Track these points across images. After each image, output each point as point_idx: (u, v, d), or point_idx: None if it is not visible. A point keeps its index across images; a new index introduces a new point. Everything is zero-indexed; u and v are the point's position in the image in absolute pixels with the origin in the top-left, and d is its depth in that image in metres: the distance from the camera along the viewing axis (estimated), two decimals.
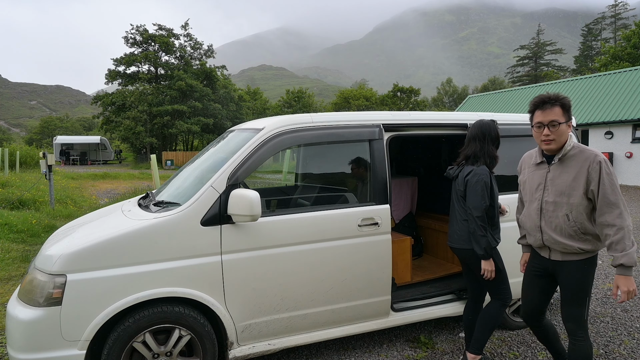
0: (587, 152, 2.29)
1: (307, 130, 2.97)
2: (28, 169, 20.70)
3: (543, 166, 2.43)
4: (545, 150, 2.38)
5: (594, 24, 61.16)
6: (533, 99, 2.37)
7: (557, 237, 2.34)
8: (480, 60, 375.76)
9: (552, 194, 2.35)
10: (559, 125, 2.27)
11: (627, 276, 2.18)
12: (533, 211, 2.45)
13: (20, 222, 7.28)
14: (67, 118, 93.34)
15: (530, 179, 2.49)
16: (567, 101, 2.30)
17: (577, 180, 2.27)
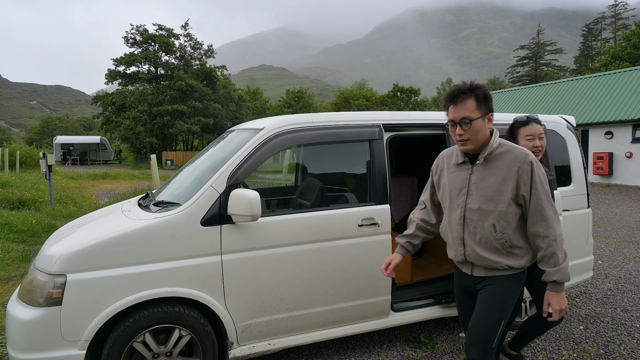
0: (515, 151, 1.99)
1: (307, 130, 2.97)
2: (28, 169, 20.69)
3: (465, 167, 2.08)
4: (462, 150, 2.08)
5: (594, 24, 61.16)
6: (444, 94, 2.08)
7: (482, 251, 2.01)
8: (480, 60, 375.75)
9: (476, 199, 2.00)
10: (471, 123, 1.94)
11: (559, 293, 1.96)
12: (455, 220, 2.09)
13: (20, 222, 7.27)
14: (67, 118, 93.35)
15: (451, 182, 2.12)
16: (482, 91, 1.95)
17: (505, 184, 1.96)
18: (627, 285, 4.83)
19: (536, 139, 2.60)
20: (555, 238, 1.94)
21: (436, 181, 2.26)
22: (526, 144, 2.55)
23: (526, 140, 2.58)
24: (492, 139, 2.01)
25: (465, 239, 2.06)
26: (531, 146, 2.55)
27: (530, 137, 2.59)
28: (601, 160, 16.66)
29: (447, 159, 2.21)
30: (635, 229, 8.07)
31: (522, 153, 1.97)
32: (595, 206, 10.76)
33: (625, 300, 4.38)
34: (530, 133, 2.61)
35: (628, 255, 6.10)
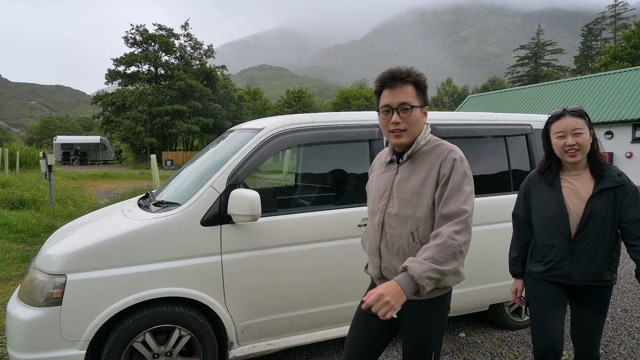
0: (441, 147, 1.72)
1: (307, 130, 2.97)
2: (28, 169, 20.70)
3: (392, 167, 1.81)
4: (395, 144, 1.76)
5: (594, 24, 61.20)
6: (378, 78, 1.74)
7: (399, 264, 1.68)
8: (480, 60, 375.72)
9: (396, 203, 1.72)
10: (411, 110, 1.67)
11: (394, 284, 1.50)
12: (373, 227, 1.79)
13: (20, 222, 7.27)
14: (67, 118, 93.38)
15: (376, 184, 1.84)
16: (422, 79, 1.71)
17: (425, 185, 1.67)
18: (627, 285, 4.83)
19: (569, 136, 2.06)
20: (450, 237, 1.56)
21: (367, 186, 1.98)
22: (557, 143, 2.10)
23: (557, 139, 2.11)
24: (422, 134, 1.73)
25: (381, 250, 1.74)
26: (562, 145, 2.08)
27: (560, 135, 2.09)
28: None
29: (378, 160, 1.94)
30: None
31: (447, 149, 1.70)
32: None
33: (625, 300, 4.38)
34: (560, 130, 2.09)
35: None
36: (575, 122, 2.06)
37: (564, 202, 2.10)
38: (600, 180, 2.05)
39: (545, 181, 2.19)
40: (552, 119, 2.15)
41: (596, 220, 2.04)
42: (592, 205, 2.04)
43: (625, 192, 2.03)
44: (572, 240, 2.09)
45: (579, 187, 2.09)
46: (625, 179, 2.04)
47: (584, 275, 2.09)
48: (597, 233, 2.04)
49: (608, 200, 2.03)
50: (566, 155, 2.09)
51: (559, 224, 2.10)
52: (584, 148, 2.05)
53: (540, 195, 2.21)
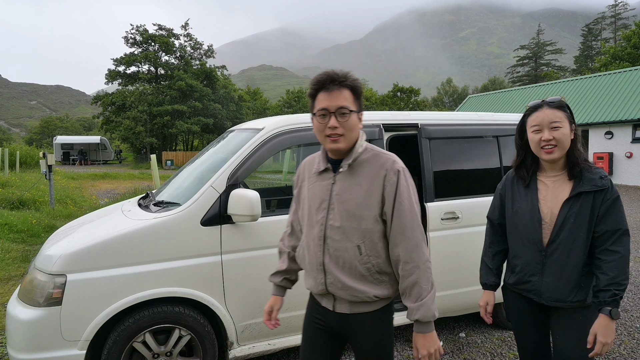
0: (382, 156, 1.65)
1: (307, 130, 2.97)
2: (28, 169, 20.70)
3: (327, 175, 1.69)
4: (331, 150, 1.65)
5: (594, 24, 61.20)
6: (313, 80, 1.65)
7: (346, 279, 1.62)
8: (480, 60, 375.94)
9: (338, 215, 1.63)
10: (349, 114, 1.59)
11: (425, 334, 1.58)
12: (314, 241, 1.68)
13: (20, 222, 7.28)
14: (67, 118, 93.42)
15: (311, 195, 1.72)
16: (359, 84, 1.64)
17: (369, 197, 1.61)
18: (628, 285, 4.82)
19: (545, 130, 1.81)
20: (419, 264, 1.58)
21: (296, 195, 1.84)
22: (532, 138, 1.87)
23: (533, 133, 1.87)
24: (359, 142, 1.66)
25: (326, 264, 1.65)
26: (538, 140, 1.84)
27: (536, 129, 1.85)
28: (601, 160, 16.67)
29: (308, 168, 1.79)
30: (635, 229, 8.07)
31: (390, 159, 1.64)
32: None
33: (625, 300, 4.38)
34: (536, 123, 1.84)
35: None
36: (553, 114, 1.81)
37: (537, 206, 1.87)
38: (579, 183, 1.79)
39: (522, 181, 1.97)
40: (529, 111, 1.91)
41: (570, 229, 1.79)
42: (566, 210, 1.79)
43: (604, 198, 1.76)
44: (543, 251, 1.85)
45: (556, 190, 1.85)
46: (607, 183, 1.78)
47: (552, 293, 1.84)
48: (571, 244, 1.79)
49: (585, 206, 1.77)
50: (542, 151, 1.83)
51: (530, 231, 1.88)
52: (562, 144, 1.79)
53: (515, 196, 1.99)
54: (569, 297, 1.81)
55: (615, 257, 1.73)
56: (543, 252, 1.85)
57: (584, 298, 1.81)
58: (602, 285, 1.72)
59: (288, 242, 1.90)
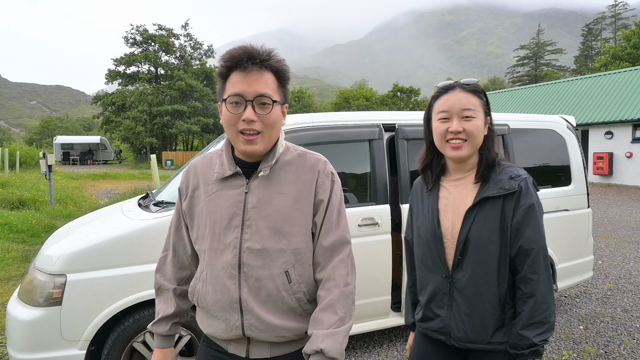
0: (310, 157, 1.34)
1: (307, 130, 2.97)
2: (28, 169, 20.69)
3: (237, 182, 1.28)
4: (245, 152, 1.23)
5: (594, 24, 61.24)
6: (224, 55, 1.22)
7: (271, 316, 1.24)
8: (480, 60, 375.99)
9: (258, 234, 1.24)
10: (272, 106, 1.22)
11: None
12: (224, 271, 1.25)
13: (20, 222, 7.28)
14: (67, 118, 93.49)
15: (213, 208, 1.28)
16: (286, 68, 1.26)
17: (299, 207, 1.26)
18: (627, 285, 4.83)
19: (454, 119, 1.41)
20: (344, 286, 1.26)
21: (186, 208, 1.35)
22: (438, 128, 1.45)
23: (438, 121, 1.45)
24: (280, 141, 1.32)
25: (243, 301, 1.23)
26: (444, 131, 1.43)
27: (444, 116, 1.43)
28: (601, 160, 16.67)
29: (203, 173, 1.34)
30: (635, 229, 8.07)
31: (320, 160, 1.33)
32: (595, 206, 10.76)
33: (625, 300, 4.38)
34: (444, 109, 1.43)
35: (628, 255, 6.10)
36: (466, 99, 1.40)
37: (437, 220, 1.46)
38: (484, 186, 1.40)
39: (425, 186, 1.57)
40: (437, 93, 1.49)
41: (476, 247, 1.38)
42: (469, 223, 1.39)
43: (517, 204, 1.36)
44: (449, 277, 1.44)
45: (457, 197, 1.45)
46: (519, 185, 1.36)
47: (465, 332, 1.41)
48: (481, 267, 1.38)
49: (493, 216, 1.37)
50: (447, 145, 1.42)
51: (433, 252, 1.47)
52: (473, 139, 1.40)
53: (417, 209, 1.59)
54: (487, 337, 1.39)
55: (532, 288, 1.33)
56: (449, 278, 1.43)
57: (503, 340, 1.39)
58: (518, 328, 1.33)
59: (172, 274, 1.39)
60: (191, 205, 1.34)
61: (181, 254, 1.39)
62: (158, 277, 1.42)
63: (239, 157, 1.30)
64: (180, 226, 1.39)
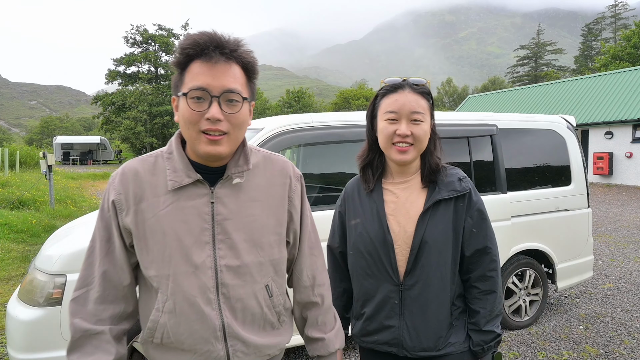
0: (277, 159, 1.24)
1: (307, 130, 2.97)
2: (28, 169, 20.70)
3: (197, 191, 1.10)
4: (207, 154, 1.06)
5: (594, 24, 61.25)
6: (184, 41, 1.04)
7: (256, 337, 1.15)
8: (480, 60, 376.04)
9: (233, 250, 1.11)
10: (242, 104, 1.07)
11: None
12: (199, 296, 1.08)
13: (20, 222, 7.28)
14: (67, 118, 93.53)
15: (169, 223, 1.08)
16: (254, 61, 1.11)
17: (274, 214, 1.18)
18: (627, 285, 4.83)
19: (403, 122, 1.34)
20: (328, 285, 1.33)
21: (132, 226, 1.08)
22: (384, 129, 1.36)
23: (386, 122, 1.36)
24: (246, 142, 1.19)
25: (227, 326, 1.10)
26: (391, 133, 1.35)
27: (392, 117, 1.35)
28: (601, 160, 16.67)
29: (148, 180, 1.10)
30: (635, 229, 8.07)
31: (287, 162, 1.25)
32: (595, 206, 10.77)
33: (625, 300, 4.38)
34: (393, 109, 1.34)
35: (628, 255, 6.10)
36: (416, 102, 1.34)
37: (386, 224, 1.38)
38: (434, 190, 1.38)
39: (365, 187, 1.47)
40: (384, 91, 1.39)
41: (431, 252, 1.34)
42: (423, 227, 1.35)
43: (468, 205, 1.38)
44: (400, 285, 1.37)
45: (407, 201, 1.40)
46: (468, 186, 1.38)
47: (419, 340, 1.37)
48: (435, 270, 1.35)
49: (446, 219, 1.36)
50: (393, 149, 1.35)
51: (381, 259, 1.39)
52: (419, 143, 1.35)
53: (357, 212, 1.47)
54: (441, 342, 1.38)
55: (492, 285, 1.38)
56: (400, 286, 1.37)
57: (459, 340, 1.39)
58: (482, 325, 1.36)
59: (101, 312, 1.08)
60: (138, 222, 1.07)
61: (114, 284, 1.10)
62: (78, 322, 1.06)
63: (195, 160, 1.11)
64: (111, 249, 1.10)
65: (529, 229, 3.60)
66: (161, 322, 1.09)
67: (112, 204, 1.09)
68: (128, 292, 1.14)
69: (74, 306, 1.09)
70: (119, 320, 1.13)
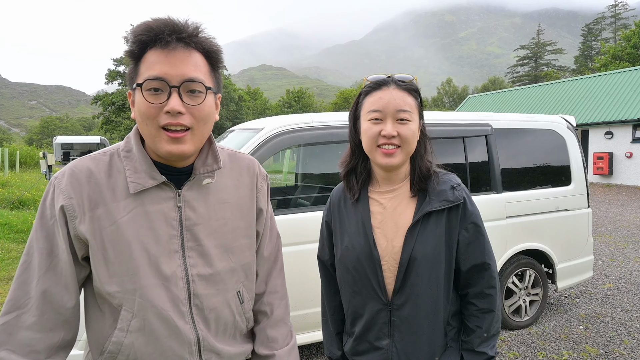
0: (242, 157, 1.17)
1: (307, 130, 2.97)
2: (28, 169, 20.71)
3: (162, 194, 0.99)
4: (169, 154, 0.95)
5: (594, 24, 61.28)
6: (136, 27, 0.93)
7: (229, 347, 1.09)
8: (480, 60, 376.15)
9: (205, 256, 1.02)
10: (205, 94, 0.96)
11: None
12: (174, 308, 0.98)
13: (20, 222, 7.28)
14: (67, 118, 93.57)
15: (134, 232, 0.96)
16: (217, 49, 0.99)
17: (244, 216, 1.11)
18: (627, 285, 4.83)
19: (388, 122, 1.20)
20: (285, 294, 1.26)
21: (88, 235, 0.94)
22: (368, 130, 1.23)
23: (369, 122, 1.23)
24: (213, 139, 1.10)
25: (202, 339, 1.02)
26: (375, 134, 1.21)
27: (376, 116, 1.22)
28: (601, 160, 16.67)
29: (104, 183, 0.97)
30: (635, 229, 8.07)
31: (252, 160, 1.18)
32: (595, 206, 10.77)
33: (625, 300, 4.38)
34: (377, 107, 1.21)
35: (628, 255, 6.10)
36: (402, 99, 1.21)
37: (372, 238, 1.26)
38: (424, 199, 1.24)
39: (350, 195, 1.35)
40: (367, 89, 1.27)
41: (422, 269, 1.22)
42: (412, 242, 1.22)
43: (463, 216, 1.25)
44: (389, 304, 1.26)
45: (395, 212, 1.27)
46: (462, 195, 1.24)
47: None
48: (425, 289, 1.23)
49: (438, 233, 1.22)
50: (378, 151, 1.21)
51: (368, 276, 1.26)
52: (407, 145, 1.21)
53: (343, 224, 1.35)
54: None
55: (490, 303, 1.27)
56: (388, 306, 1.26)
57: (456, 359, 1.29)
58: (476, 346, 1.25)
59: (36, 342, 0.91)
60: (94, 230, 0.93)
61: (55, 306, 0.93)
62: (5, 355, 0.88)
63: (156, 159, 1.00)
64: (54, 264, 0.93)
65: (528, 228, 3.60)
66: (126, 343, 0.96)
67: (61, 210, 0.93)
68: (71, 315, 0.96)
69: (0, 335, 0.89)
70: (57, 352, 0.94)
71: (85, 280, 1.01)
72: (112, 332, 0.97)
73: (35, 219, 0.95)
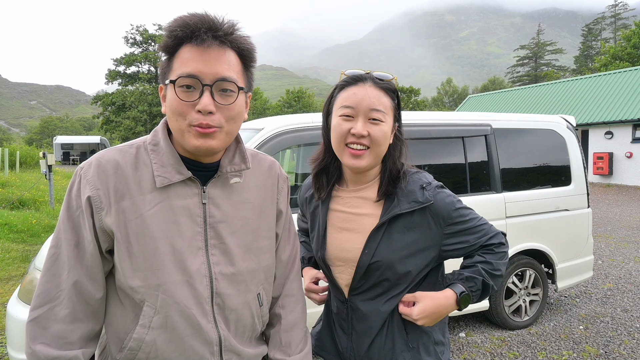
0: (264, 158, 1.15)
1: (307, 130, 2.97)
2: (28, 169, 20.70)
3: (187, 190, 0.98)
4: (197, 149, 0.94)
5: (594, 24, 61.31)
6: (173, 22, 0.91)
7: (248, 349, 1.07)
8: (480, 60, 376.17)
9: (227, 255, 1.01)
10: (237, 94, 0.95)
11: None
12: (197, 306, 0.97)
13: (20, 222, 7.28)
14: (67, 118, 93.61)
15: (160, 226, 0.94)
16: (252, 47, 1.00)
17: (265, 217, 1.09)
18: (627, 285, 4.83)
19: (359, 120, 1.14)
20: (302, 298, 1.20)
21: (113, 227, 0.93)
22: (337, 126, 1.17)
23: (340, 118, 1.17)
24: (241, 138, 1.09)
25: (224, 340, 1.00)
26: (345, 132, 1.15)
27: (347, 112, 1.15)
28: (601, 160, 16.67)
29: (131, 175, 0.95)
30: (635, 229, 8.07)
31: (274, 161, 1.17)
32: (595, 206, 10.77)
33: (625, 300, 4.38)
34: (349, 103, 1.15)
35: (628, 255, 6.10)
36: (377, 98, 1.14)
37: (324, 239, 1.25)
38: (392, 201, 1.17)
39: (316, 195, 1.31)
40: (343, 83, 1.21)
41: (384, 272, 1.17)
42: (374, 246, 1.17)
43: (439, 217, 1.16)
44: (346, 301, 1.25)
45: (358, 213, 1.22)
46: (431, 195, 1.15)
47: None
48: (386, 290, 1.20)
49: (407, 238, 1.17)
50: (346, 151, 1.16)
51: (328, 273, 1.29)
52: (377, 147, 1.15)
53: (307, 216, 1.38)
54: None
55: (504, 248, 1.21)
56: (345, 303, 1.25)
57: None
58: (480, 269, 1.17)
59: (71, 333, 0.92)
60: (119, 222, 0.92)
61: (86, 298, 0.93)
62: (41, 349, 0.88)
63: (182, 154, 0.99)
64: (82, 256, 0.93)
65: (528, 228, 3.60)
66: (147, 340, 0.94)
67: (87, 201, 0.92)
68: (99, 307, 0.96)
69: (33, 329, 0.89)
70: (88, 342, 0.95)
71: (107, 274, 0.99)
72: (133, 328, 0.95)
73: (61, 210, 0.96)
